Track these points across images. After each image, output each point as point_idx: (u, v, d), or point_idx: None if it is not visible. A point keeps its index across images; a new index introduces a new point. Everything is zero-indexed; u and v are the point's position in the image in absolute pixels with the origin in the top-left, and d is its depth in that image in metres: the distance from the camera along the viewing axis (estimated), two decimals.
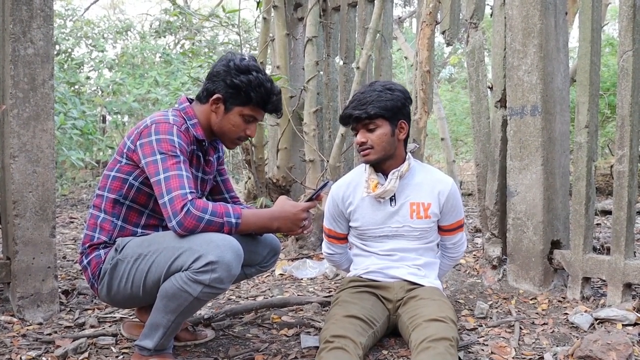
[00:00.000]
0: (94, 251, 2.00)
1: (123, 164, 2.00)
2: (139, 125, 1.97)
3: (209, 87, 2.03)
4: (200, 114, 2.06)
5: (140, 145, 1.91)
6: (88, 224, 2.04)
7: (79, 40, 10.95)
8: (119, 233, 2.01)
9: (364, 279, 2.32)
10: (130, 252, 1.91)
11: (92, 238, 2.01)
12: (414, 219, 2.28)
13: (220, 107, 2.02)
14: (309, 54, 4.37)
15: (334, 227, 2.45)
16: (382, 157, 2.22)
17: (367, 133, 2.21)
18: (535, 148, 2.91)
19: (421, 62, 3.56)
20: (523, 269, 3.01)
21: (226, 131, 2.05)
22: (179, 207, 1.77)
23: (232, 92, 1.99)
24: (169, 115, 1.98)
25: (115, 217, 2.01)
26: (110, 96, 9.35)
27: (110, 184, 2.00)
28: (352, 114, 2.19)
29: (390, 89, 2.21)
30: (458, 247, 2.47)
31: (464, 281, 3.24)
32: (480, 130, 3.32)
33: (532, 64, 2.90)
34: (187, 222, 1.77)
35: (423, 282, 2.26)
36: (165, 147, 1.87)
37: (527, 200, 2.96)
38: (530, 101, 2.92)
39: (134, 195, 2.00)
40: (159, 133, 1.90)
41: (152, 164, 1.86)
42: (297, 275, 3.53)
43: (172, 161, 1.85)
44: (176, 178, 1.82)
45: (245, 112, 2.02)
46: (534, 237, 2.94)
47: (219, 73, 2.00)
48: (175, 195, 1.78)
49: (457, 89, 13.69)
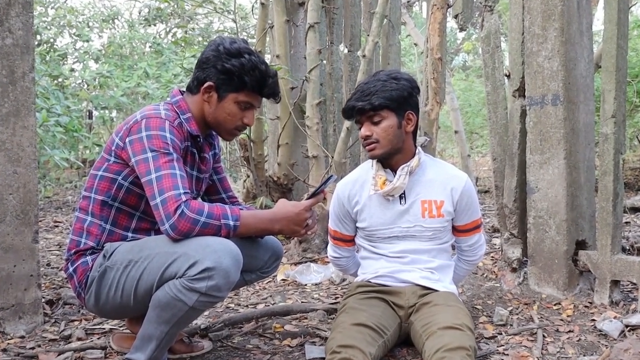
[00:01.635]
0: (81, 257, 1.99)
1: (111, 162, 1.98)
2: (128, 121, 1.96)
3: (199, 76, 2.03)
4: (193, 106, 2.05)
5: (130, 142, 1.90)
6: (74, 229, 2.03)
7: (61, 29, 10.97)
8: (107, 238, 2.00)
9: (373, 283, 2.32)
10: (120, 258, 1.90)
11: (79, 243, 2.00)
12: (425, 218, 2.27)
13: (213, 95, 2.02)
14: (311, 42, 4.36)
15: (340, 229, 2.45)
16: (389, 151, 2.22)
17: (371, 126, 2.20)
18: (557, 140, 2.90)
19: (432, 49, 3.55)
20: (545, 272, 3.00)
21: (222, 121, 2.05)
22: (173, 209, 1.77)
23: (225, 78, 1.99)
24: (160, 110, 1.97)
25: (104, 220, 2.00)
26: (96, 90, 9.37)
27: (98, 185, 2.00)
28: (355, 105, 2.19)
29: (395, 78, 2.21)
30: (475, 250, 2.46)
31: (482, 285, 3.24)
32: (497, 121, 3.31)
33: (553, 49, 2.89)
34: (182, 225, 1.77)
35: (437, 287, 2.26)
36: (156, 144, 1.86)
37: (549, 197, 2.95)
38: (551, 90, 2.91)
39: (124, 196, 1.99)
40: (149, 129, 1.89)
41: (142, 163, 1.85)
42: (300, 280, 3.53)
43: (164, 159, 1.85)
44: (169, 177, 1.81)
45: (240, 98, 2.02)
46: (556, 237, 2.94)
47: (208, 59, 2.00)
48: (168, 196, 1.78)
49: (471, 77, 13.67)
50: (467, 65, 17.40)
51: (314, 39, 4.36)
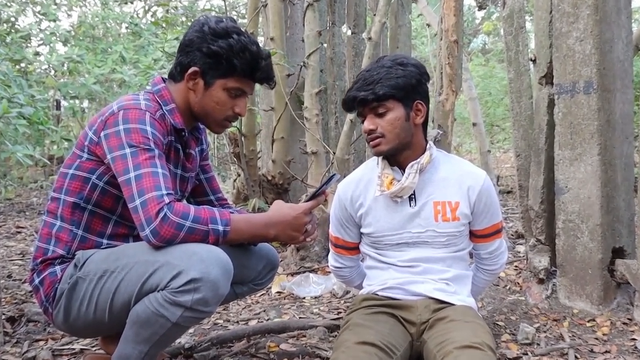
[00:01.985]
0: (48, 267, 1.99)
1: (84, 159, 1.98)
2: (104, 112, 1.96)
3: (182, 61, 2.03)
4: (177, 96, 2.06)
5: (106, 136, 1.90)
6: (41, 234, 2.03)
7: (24, 7, 10.96)
8: (79, 245, 2.00)
9: (381, 297, 2.32)
10: (94, 268, 1.90)
11: (46, 251, 2.00)
12: (439, 221, 2.28)
13: (199, 82, 2.02)
14: (310, 22, 4.37)
15: (342, 235, 2.46)
16: (396, 146, 2.22)
17: (376, 118, 2.21)
18: (589, 134, 2.91)
19: (447, 30, 3.55)
20: (577, 284, 3.00)
21: (210, 111, 2.05)
22: (154, 212, 1.76)
23: (211, 62, 1.99)
24: (140, 100, 1.97)
25: (75, 225, 2.00)
26: (65, 77, 9.36)
27: (69, 185, 1.99)
28: (357, 96, 2.19)
29: (401, 63, 2.21)
30: (496, 258, 2.47)
31: (504, 299, 3.24)
32: (520, 112, 3.31)
33: (586, 29, 2.89)
34: (164, 230, 1.77)
35: (453, 300, 2.26)
36: (135, 139, 1.86)
37: (581, 198, 2.95)
38: (583, 76, 2.91)
39: (98, 198, 1.99)
40: (128, 121, 1.89)
41: (120, 160, 1.85)
42: (298, 293, 3.53)
43: (144, 156, 1.85)
44: (150, 176, 1.82)
45: (230, 84, 2.02)
46: (590, 243, 2.94)
47: (192, 41, 2.00)
48: (148, 197, 1.78)
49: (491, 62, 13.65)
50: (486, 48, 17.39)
51: (313, 19, 4.36)
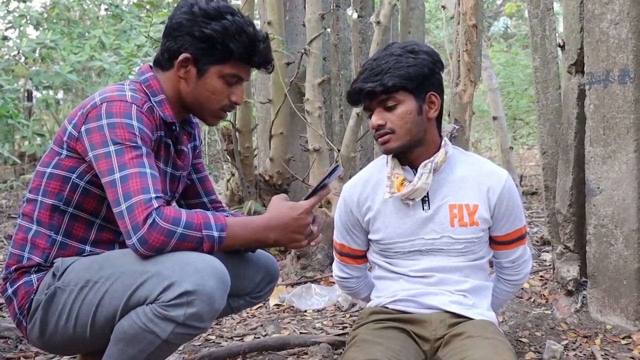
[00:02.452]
0: (23, 276, 1.99)
1: (63, 156, 1.97)
2: (85, 104, 1.95)
3: (170, 46, 2.02)
4: (166, 85, 2.06)
5: (87, 131, 1.89)
6: (14, 240, 2.03)
7: None
8: (58, 252, 2.00)
9: (391, 310, 2.33)
10: (75, 277, 1.90)
11: (21, 258, 2.00)
12: (455, 226, 2.28)
13: (191, 70, 2.02)
14: (312, 5, 4.38)
15: (348, 242, 2.46)
16: (408, 143, 2.22)
17: (384, 113, 2.21)
18: (625, 128, 2.91)
19: (465, 13, 3.57)
20: (610, 296, 3.01)
21: (204, 101, 2.06)
22: (141, 218, 1.76)
23: (204, 47, 1.99)
24: (125, 90, 1.96)
25: (54, 230, 2.00)
26: (37, 64, 9.38)
27: (46, 185, 1.99)
28: (363, 87, 2.19)
29: (412, 51, 2.21)
30: (519, 267, 2.47)
31: (528, 312, 3.25)
32: (547, 105, 3.32)
33: (622, 11, 2.90)
34: (153, 238, 1.77)
35: (471, 314, 2.27)
36: (121, 135, 1.86)
37: (615, 201, 2.96)
38: (618, 63, 2.92)
39: (80, 199, 1.99)
40: (112, 115, 1.88)
41: (103, 158, 1.85)
42: (299, 306, 3.54)
43: (130, 154, 1.84)
44: (137, 178, 1.82)
45: (225, 71, 2.03)
46: (625, 251, 2.95)
47: (181, 25, 2.00)
48: (136, 202, 1.78)
49: (514, 48, 13.65)
50: (509, 32, 17.38)
51: (315, 1, 4.37)
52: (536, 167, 10.13)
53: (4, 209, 7.91)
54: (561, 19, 3.51)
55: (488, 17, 15.46)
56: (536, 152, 10.83)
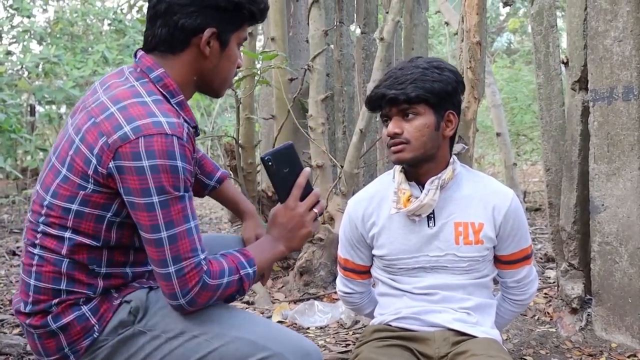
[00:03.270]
0: (71, 309, 1.83)
1: (90, 191, 1.76)
2: (106, 129, 1.71)
3: (185, 24, 1.79)
4: (179, 72, 1.86)
5: (120, 169, 1.69)
6: (37, 272, 1.84)
7: None
8: (105, 282, 1.86)
9: (394, 327, 2.32)
10: (162, 323, 1.82)
11: (57, 292, 1.83)
12: (460, 244, 2.28)
13: (214, 45, 1.84)
14: (315, 21, 4.39)
15: (352, 257, 2.46)
16: (420, 157, 2.22)
17: (402, 122, 2.20)
18: (629, 145, 2.92)
19: (469, 30, 3.58)
20: (615, 314, 3.00)
21: (226, 74, 1.91)
22: (193, 282, 1.71)
23: (228, 16, 1.83)
24: (151, 107, 1.74)
25: (95, 263, 1.84)
26: (40, 79, 9.41)
27: (76, 224, 1.79)
28: (387, 94, 2.19)
29: (438, 67, 2.21)
30: (525, 287, 2.46)
31: (532, 330, 3.24)
32: (551, 121, 3.33)
33: (625, 28, 2.91)
34: (202, 298, 1.74)
35: (475, 332, 2.26)
36: (167, 182, 1.68)
37: (619, 218, 2.96)
38: (621, 80, 2.92)
39: (118, 234, 1.83)
40: (153, 155, 1.67)
41: (145, 210, 1.70)
42: (301, 322, 3.53)
43: (176, 206, 1.70)
44: (185, 237, 1.71)
45: (242, 35, 1.90)
46: (630, 269, 2.94)
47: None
48: (186, 265, 1.70)
49: (518, 64, 13.67)
50: (512, 48, 17.44)
51: (318, 17, 4.39)
52: (540, 183, 10.12)
53: (6, 224, 7.91)
54: (565, 36, 3.52)
55: (491, 32, 15.51)
56: (540, 168, 10.83)
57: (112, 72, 1.92)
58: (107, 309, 1.84)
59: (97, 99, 1.80)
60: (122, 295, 1.86)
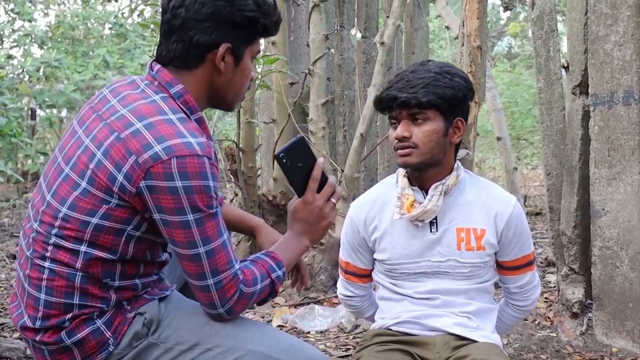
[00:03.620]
0: (85, 324, 1.82)
1: (113, 206, 1.74)
2: (135, 147, 1.70)
3: (200, 40, 1.79)
4: (195, 88, 1.86)
5: (152, 189, 1.69)
6: (48, 286, 1.81)
7: None
8: (117, 295, 1.85)
9: (394, 332, 2.32)
10: (176, 335, 1.83)
11: (70, 307, 1.81)
12: (462, 250, 2.27)
13: (229, 59, 1.84)
14: (316, 25, 4.40)
15: (354, 260, 2.45)
16: (427, 162, 2.22)
17: (411, 126, 2.19)
18: (630, 150, 2.92)
19: (469, 34, 3.58)
20: (616, 319, 3.00)
21: (239, 88, 1.92)
22: (231, 292, 1.76)
23: (243, 32, 1.83)
24: (173, 120, 1.74)
25: (109, 277, 1.82)
26: (41, 83, 9.42)
27: (94, 237, 1.77)
28: (398, 97, 2.17)
29: (450, 73, 2.20)
30: (527, 293, 2.45)
31: (533, 335, 3.24)
32: (551, 126, 3.33)
33: (626, 32, 2.91)
34: (239, 306, 1.79)
35: (475, 337, 2.26)
36: (200, 202, 1.70)
37: (620, 222, 2.96)
38: (622, 85, 2.92)
39: (134, 249, 1.82)
40: (187, 177, 1.68)
41: (180, 228, 1.71)
42: (302, 327, 3.53)
43: (210, 223, 1.73)
44: (221, 250, 1.75)
45: (255, 49, 1.91)
46: (630, 273, 2.94)
47: (215, 14, 1.78)
48: (224, 277, 1.75)
49: (518, 68, 13.68)
50: (512, 52, 17.45)
51: (319, 21, 4.39)
52: (540, 187, 10.12)
53: (7, 228, 7.91)
54: (565, 40, 3.53)
55: (492, 36, 15.52)
56: (540, 173, 10.83)
57: (123, 82, 1.89)
58: (121, 322, 1.84)
59: (115, 111, 1.78)
60: (134, 308, 1.85)
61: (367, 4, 4.85)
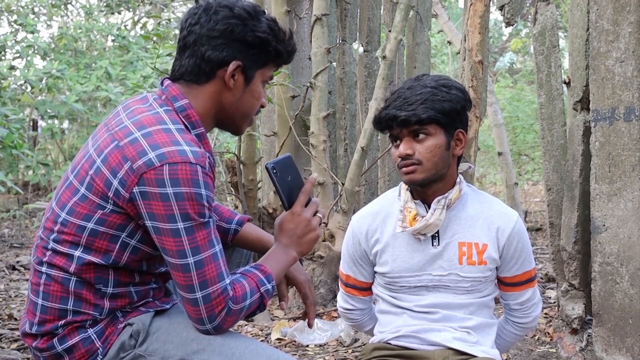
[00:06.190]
0: (77, 332, 1.83)
1: (108, 211, 1.77)
2: (131, 153, 1.73)
3: (211, 56, 1.83)
4: (201, 103, 1.88)
5: (144, 195, 1.71)
6: (45, 292, 1.83)
7: None
8: (111, 302, 1.86)
9: (394, 345, 2.32)
10: (162, 349, 1.82)
11: (64, 312, 1.83)
12: (463, 264, 2.27)
13: (239, 78, 1.87)
14: (318, 39, 4.41)
15: (354, 273, 2.45)
16: (431, 177, 2.21)
17: (413, 143, 2.19)
18: (630, 166, 2.92)
19: (471, 49, 3.59)
20: (616, 335, 2.99)
21: (248, 109, 1.94)
22: (219, 309, 1.75)
23: (254, 52, 1.86)
24: (175, 134, 1.76)
25: (102, 283, 1.84)
26: (43, 94, 9.44)
27: (89, 242, 1.79)
28: (398, 115, 2.18)
29: (446, 85, 2.21)
30: (528, 310, 2.44)
31: (532, 350, 3.23)
32: (552, 141, 3.33)
33: (627, 49, 2.92)
34: (227, 322, 1.78)
35: (474, 352, 2.25)
36: (191, 209, 1.71)
37: (620, 238, 2.95)
38: (623, 101, 2.93)
39: (129, 258, 1.84)
40: (178, 183, 1.69)
41: (170, 236, 1.72)
42: (300, 340, 3.52)
43: (201, 232, 1.74)
44: (211, 262, 1.74)
45: (267, 73, 1.94)
46: (630, 289, 2.93)
47: (227, 31, 1.81)
48: (213, 291, 1.73)
49: (520, 83, 13.72)
50: (514, 67, 17.50)
51: (321, 35, 4.41)
52: (541, 203, 10.12)
53: (7, 238, 7.91)
54: (567, 56, 3.54)
55: (494, 52, 15.57)
56: (541, 188, 10.83)
57: (137, 98, 1.94)
58: (112, 332, 1.85)
59: (121, 122, 1.82)
60: (127, 319, 1.86)
61: (369, 18, 4.86)
